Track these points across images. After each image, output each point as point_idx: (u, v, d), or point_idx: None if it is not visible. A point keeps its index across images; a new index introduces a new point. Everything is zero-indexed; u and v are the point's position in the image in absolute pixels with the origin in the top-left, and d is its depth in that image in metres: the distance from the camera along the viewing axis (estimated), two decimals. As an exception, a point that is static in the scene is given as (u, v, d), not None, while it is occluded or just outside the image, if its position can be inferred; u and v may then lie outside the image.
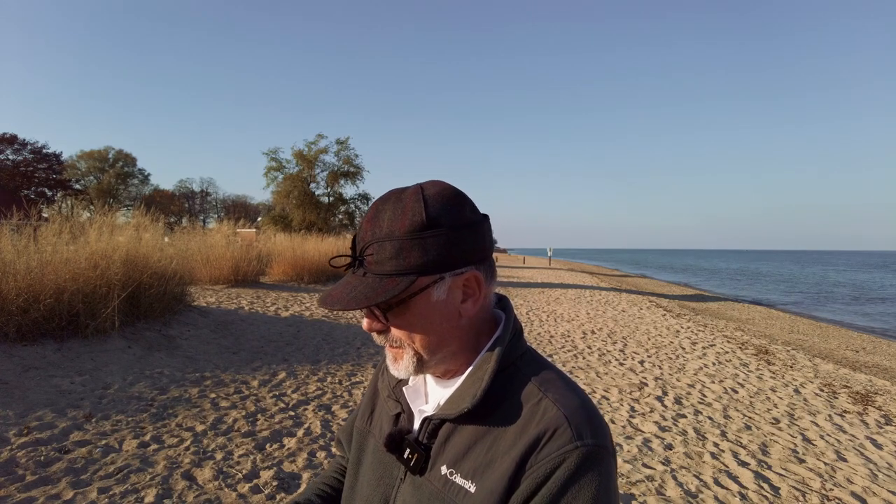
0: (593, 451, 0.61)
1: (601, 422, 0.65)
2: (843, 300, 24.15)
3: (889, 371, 7.75)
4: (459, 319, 0.69)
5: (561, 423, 0.62)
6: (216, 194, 72.39)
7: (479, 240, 0.68)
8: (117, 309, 5.38)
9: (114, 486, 2.79)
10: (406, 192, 0.67)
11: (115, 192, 53.31)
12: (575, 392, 0.67)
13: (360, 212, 33.03)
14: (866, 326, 15.47)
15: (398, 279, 0.64)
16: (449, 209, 0.66)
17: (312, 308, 9.32)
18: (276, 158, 30.30)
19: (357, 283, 0.66)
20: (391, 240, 0.64)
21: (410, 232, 0.63)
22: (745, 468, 3.47)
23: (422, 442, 0.70)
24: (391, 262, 0.64)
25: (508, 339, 0.70)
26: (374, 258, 0.65)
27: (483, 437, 0.66)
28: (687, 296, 20.87)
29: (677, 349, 7.61)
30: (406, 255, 0.63)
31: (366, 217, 0.68)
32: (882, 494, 3.18)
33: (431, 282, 0.66)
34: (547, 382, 0.67)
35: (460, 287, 0.68)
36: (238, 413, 4.04)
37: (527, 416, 0.64)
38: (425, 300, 0.66)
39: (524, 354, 0.72)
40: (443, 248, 0.64)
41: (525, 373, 0.69)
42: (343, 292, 0.66)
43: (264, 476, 3.04)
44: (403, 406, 0.77)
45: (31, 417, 3.53)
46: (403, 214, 0.64)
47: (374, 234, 0.65)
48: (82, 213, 9.37)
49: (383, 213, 0.66)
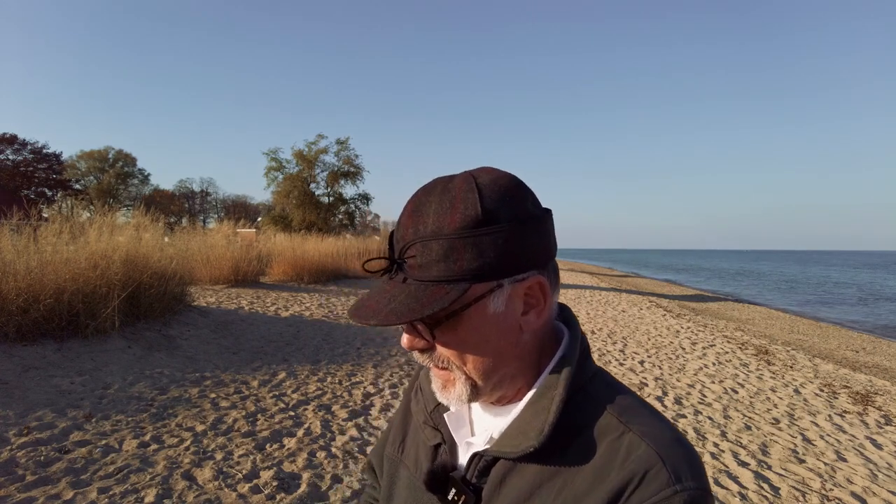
0: (697, 497, 0.50)
1: (698, 459, 0.53)
2: (848, 301, 23.72)
3: (889, 371, 7.75)
4: (520, 335, 0.57)
5: (654, 464, 0.50)
6: (216, 194, 72.49)
7: (544, 238, 0.57)
8: (117, 309, 5.38)
9: (114, 486, 2.79)
10: (454, 181, 0.56)
11: (115, 192, 53.36)
12: (664, 423, 0.55)
13: (360, 212, 33.10)
14: (874, 325, 15.45)
15: (447, 287, 0.53)
16: (509, 201, 0.54)
17: (313, 308, 9.32)
18: (276, 158, 30.37)
19: (396, 291, 0.55)
20: (438, 238, 0.52)
21: (463, 228, 0.52)
22: (745, 468, 3.47)
23: (470, 482, 0.58)
24: (439, 265, 0.52)
25: (576, 357, 0.59)
26: (418, 261, 0.53)
27: (550, 480, 0.54)
28: (687, 296, 20.87)
29: (677, 349, 7.62)
30: (457, 256, 0.52)
31: (405, 210, 0.56)
32: (882, 494, 3.18)
33: (488, 290, 0.54)
34: (628, 411, 0.55)
35: (521, 296, 0.56)
36: (238, 413, 4.04)
37: (607, 454, 0.53)
38: (480, 312, 0.55)
39: (595, 376, 0.60)
40: (502, 248, 0.53)
41: (599, 399, 0.57)
42: (379, 303, 0.55)
43: (264, 476, 3.04)
44: (444, 436, 0.65)
45: (31, 417, 3.53)
46: (453, 207, 0.53)
47: (416, 231, 0.54)
48: (82, 213, 9.38)
49: (427, 205, 0.55)
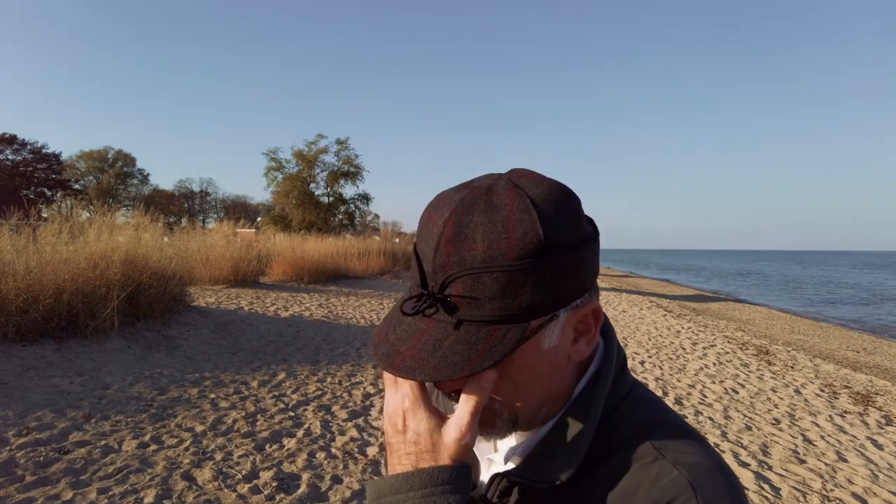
0: None
1: (740, 492, 0.47)
2: (851, 301, 23.46)
3: (890, 371, 7.75)
4: (568, 365, 0.52)
5: (683, 492, 0.45)
6: (216, 194, 72.55)
7: (597, 259, 0.50)
8: (117, 309, 5.37)
9: (113, 487, 2.78)
10: (498, 194, 0.46)
11: (115, 192, 53.41)
12: (704, 450, 0.49)
13: (360, 212, 33.08)
14: (874, 325, 15.44)
15: (506, 328, 0.44)
16: (568, 221, 0.46)
17: (312, 308, 9.32)
18: (276, 158, 30.36)
19: (440, 334, 0.45)
20: (491, 270, 0.43)
21: (523, 259, 0.43)
22: (746, 469, 3.47)
23: (491, 501, 0.54)
24: (494, 302, 0.44)
25: (612, 375, 0.53)
26: (468, 298, 0.44)
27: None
28: (687, 296, 20.88)
29: (678, 349, 7.61)
30: (517, 291, 0.44)
31: (443, 234, 0.45)
32: (882, 495, 3.17)
33: (544, 322, 0.47)
34: (665, 436, 0.50)
35: (574, 323, 0.49)
36: (238, 413, 4.03)
37: (635, 480, 0.48)
38: (533, 349, 0.47)
39: (631, 393, 0.55)
40: (563, 277, 0.45)
41: (633, 420, 0.52)
42: (421, 351, 0.45)
43: (264, 476, 3.04)
44: None
45: (30, 418, 3.53)
46: (508, 231, 0.43)
47: (461, 260, 0.44)
48: (82, 214, 9.37)
49: (472, 228, 0.44)
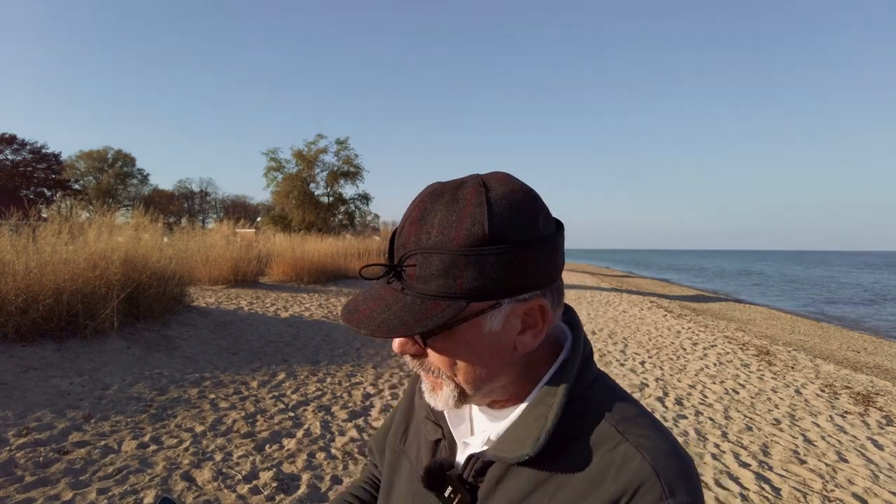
0: None
1: (694, 473, 0.53)
2: (853, 302, 23.10)
3: (890, 372, 7.75)
4: (514, 353, 0.56)
5: (647, 477, 0.50)
6: (215, 194, 72.57)
7: (551, 258, 0.54)
8: (116, 309, 5.37)
9: (113, 487, 2.78)
10: (464, 189, 0.53)
11: (114, 192, 53.38)
12: (661, 434, 0.55)
13: (359, 212, 33.08)
14: (875, 325, 15.43)
15: (445, 303, 0.51)
16: (519, 220, 0.52)
17: (312, 308, 9.31)
18: (276, 158, 30.36)
19: (392, 300, 0.53)
20: (440, 252, 0.50)
21: (467, 246, 0.50)
22: (747, 469, 3.46)
23: (467, 481, 0.59)
24: (438, 280, 0.51)
25: (577, 365, 0.58)
26: (418, 272, 0.52)
27: (544, 485, 0.54)
28: (688, 296, 20.87)
29: (678, 350, 7.61)
30: (458, 274, 0.50)
31: (409, 216, 0.54)
32: (883, 495, 3.17)
33: (485, 308, 0.52)
34: (626, 421, 0.55)
35: (520, 316, 0.55)
36: (237, 414, 4.03)
37: (602, 463, 0.53)
38: (475, 330, 0.53)
39: (595, 382, 0.60)
40: (505, 269, 0.51)
41: (597, 407, 0.57)
42: (374, 311, 0.53)
43: (264, 477, 3.03)
44: (444, 432, 0.66)
45: (30, 418, 3.52)
46: (460, 221, 0.51)
47: (418, 240, 0.52)
48: (81, 214, 9.38)
49: (433, 214, 0.52)
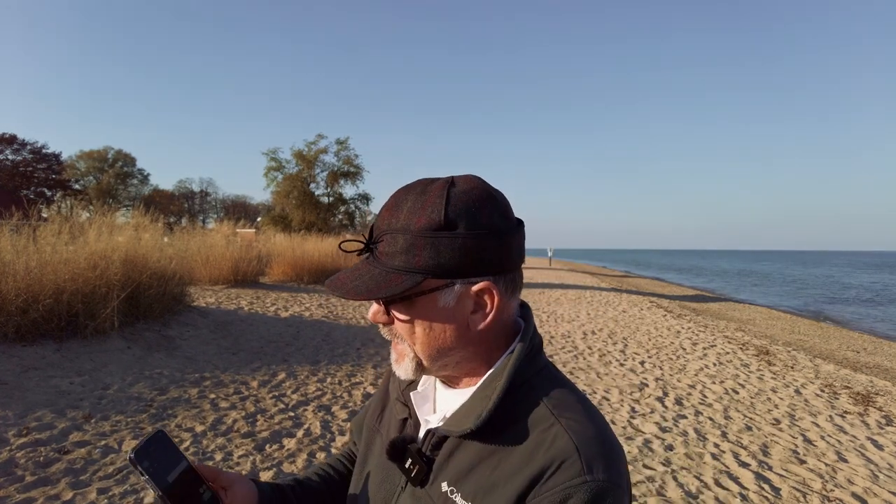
0: (604, 489, 0.55)
1: (617, 456, 0.59)
2: (856, 302, 22.85)
3: (890, 372, 7.75)
4: (467, 331, 0.65)
5: (570, 455, 0.57)
6: (216, 194, 72.54)
7: (502, 250, 0.63)
8: (116, 309, 5.37)
9: (113, 487, 2.78)
10: (433, 185, 0.63)
11: (115, 192, 53.35)
12: (591, 419, 0.62)
13: (360, 212, 33.06)
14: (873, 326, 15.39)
15: (404, 276, 0.61)
16: (472, 212, 0.61)
17: (312, 308, 9.32)
18: (276, 158, 30.33)
19: (364, 271, 0.64)
20: (405, 233, 0.61)
21: (425, 230, 0.60)
22: (746, 469, 3.47)
23: (425, 453, 0.67)
24: (401, 256, 0.61)
25: (524, 354, 0.65)
26: (386, 249, 0.63)
27: (488, 458, 0.62)
28: (688, 296, 20.87)
29: (678, 350, 7.61)
30: (417, 253, 0.60)
31: (386, 204, 0.65)
32: (883, 495, 3.17)
33: (440, 286, 0.62)
34: (561, 406, 0.63)
35: (472, 297, 0.63)
36: (237, 414, 4.03)
37: (535, 441, 0.60)
38: (430, 303, 0.63)
39: (541, 371, 0.67)
40: (456, 253, 0.60)
41: (539, 392, 0.64)
42: (349, 279, 0.65)
43: (264, 477, 3.04)
44: (411, 411, 0.74)
45: (30, 418, 3.53)
46: (422, 209, 0.61)
47: (389, 223, 0.63)
48: (81, 214, 9.39)
49: (404, 203, 0.63)
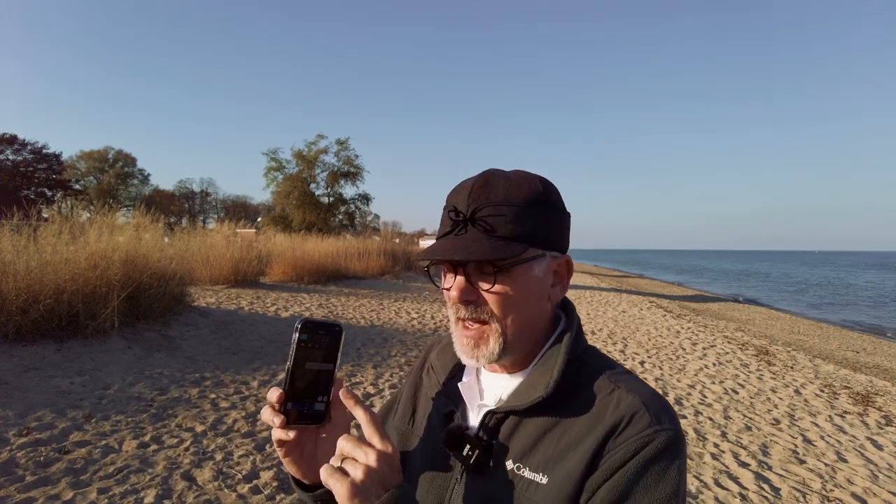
0: (674, 437, 0.60)
1: (674, 411, 0.64)
2: (860, 303, 22.53)
3: (890, 372, 7.75)
4: (546, 303, 0.69)
5: (638, 409, 0.61)
6: (216, 194, 72.50)
7: (569, 231, 0.71)
8: (117, 309, 5.37)
9: (113, 487, 2.79)
10: (510, 172, 0.68)
11: (115, 192, 53.33)
12: (646, 384, 0.67)
13: (360, 212, 33.08)
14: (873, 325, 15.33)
15: (511, 244, 0.63)
16: (557, 193, 0.69)
17: (313, 308, 9.32)
18: (276, 159, 30.37)
19: (469, 240, 0.64)
20: (510, 205, 0.63)
21: (530, 200, 0.64)
22: (746, 469, 3.47)
23: (483, 438, 0.67)
24: (507, 226, 0.63)
25: (574, 333, 0.70)
26: (489, 221, 0.63)
27: (552, 430, 0.64)
28: (687, 296, 20.86)
29: (678, 350, 7.61)
30: (523, 222, 0.64)
31: (475, 183, 0.66)
32: (882, 495, 3.17)
33: (536, 255, 0.66)
34: (617, 375, 0.67)
35: (553, 270, 0.69)
36: (238, 413, 4.03)
37: (601, 405, 0.63)
38: (527, 272, 0.66)
39: (588, 350, 0.72)
40: (552, 225, 0.66)
41: (593, 366, 0.68)
42: (454, 247, 0.63)
43: (264, 477, 3.04)
44: (456, 403, 0.73)
45: (30, 418, 3.53)
46: (520, 184, 0.65)
47: (488, 198, 0.64)
48: (82, 214, 9.39)
49: (496, 183, 0.65)
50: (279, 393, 0.60)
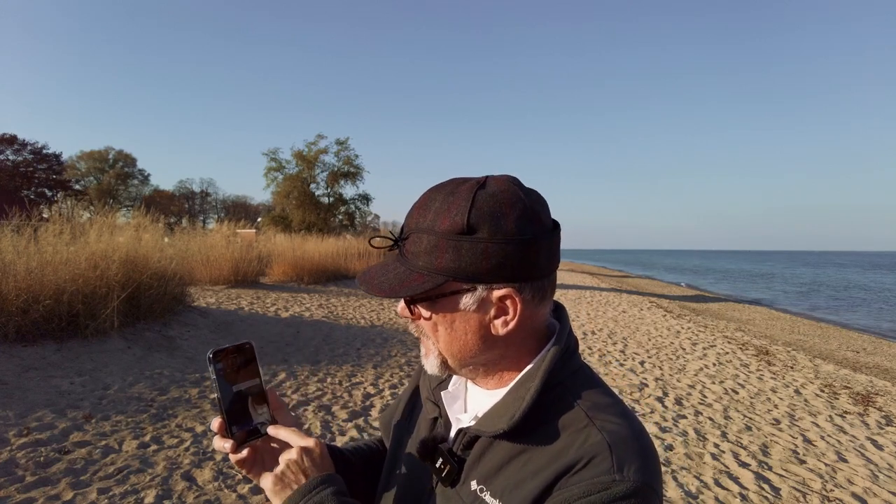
0: (631, 489, 0.54)
1: (651, 458, 0.58)
2: (865, 304, 21.73)
3: (890, 372, 7.74)
4: (490, 335, 0.63)
5: (601, 452, 0.56)
6: (216, 195, 72.46)
7: (528, 257, 0.60)
8: (117, 309, 5.38)
9: (114, 487, 2.79)
10: (462, 186, 0.62)
11: (115, 192, 53.34)
12: (626, 420, 0.60)
13: (360, 212, 33.07)
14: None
15: (426, 277, 0.60)
16: (496, 217, 0.59)
17: (312, 308, 9.32)
18: (276, 159, 30.36)
19: (391, 267, 0.65)
20: (429, 234, 0.60)
21: (448, 232, 0.59)
22: (746, 469, 3.47)
23: (456, 453, 0.66)
24: (424, 256, 0.61)
25: (558, 356, 0.64)
26: (412, 248, 0.62)
27: (518, 457, 0.61)
28: (687, 296, 20.86)
29: (678, 350, 7.61)
30: (439, 255, 0.60)
31: (417, 202, 0.64)
32: (882, 495, 3.17)
33: (462, 289, 0.61)
34: (596, 407, 0.61)
35: (494, 302, 0.62)
36: (238, 414, 4.03)
37: (567, 440, 0.59)
38: (453, 305, 0.62)
39: (576, 372, 0.66)
40: (478, 258, 0.59)
41: (573, 394, 0.63)
42: (376, 274, 0.65)
43: (264, 477, 3.04)
44: (441, 410, 0.73)
45: (30, 418, 3.53)
46: (448, 211, 0.60)
47: (417, 222, 0.62)
48: (82, 214, 9.38)
49: (433, 202, 0.62)
50: (219, 422, 0.64)
